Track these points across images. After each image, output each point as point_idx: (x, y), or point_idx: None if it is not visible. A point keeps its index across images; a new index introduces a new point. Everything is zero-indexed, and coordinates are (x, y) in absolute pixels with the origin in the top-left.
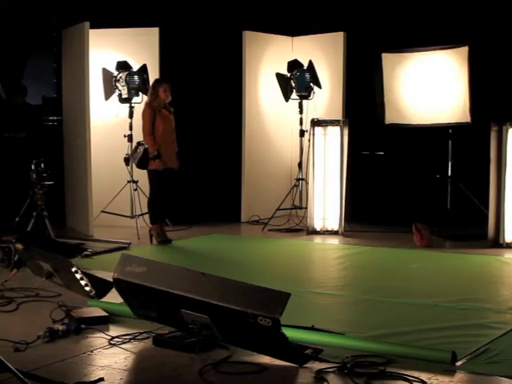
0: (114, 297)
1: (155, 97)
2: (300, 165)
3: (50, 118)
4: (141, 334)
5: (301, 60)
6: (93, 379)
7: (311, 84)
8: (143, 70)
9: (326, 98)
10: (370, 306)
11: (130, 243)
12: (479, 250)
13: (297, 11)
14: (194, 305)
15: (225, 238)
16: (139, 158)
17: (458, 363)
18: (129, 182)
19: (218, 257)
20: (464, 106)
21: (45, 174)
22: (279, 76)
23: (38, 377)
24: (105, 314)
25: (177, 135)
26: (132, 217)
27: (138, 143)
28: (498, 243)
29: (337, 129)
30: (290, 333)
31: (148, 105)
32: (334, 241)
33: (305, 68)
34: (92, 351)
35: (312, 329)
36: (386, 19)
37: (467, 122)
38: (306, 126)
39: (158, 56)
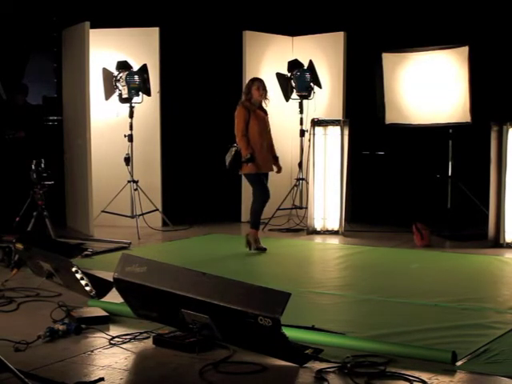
0: (114, 297)
1: (249, 96)
2: (300, 165)
3: (50, 117)
4: (141, 333)
5: (301, 60)
6: (93, 379)
7: (311, 84)
8: (143, 69)
9: (326, 98)
10: (370, 306)
11: (130, 243)
12: (479, 250)
13: (297, 11)
14: (195, 305)
15: (225, 238)
16: (230, 160)
17: (458, 363)
18: (129, 181)
19: (218, 257)
20: (464, 106)
21: (45, 174)
22: (279, 76)
23: (38, 377)
24: (105, 313)
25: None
26: (132, 217)
27: (232, 145)
28: (498, 243)
29: (337, 129)
30: (290, 333)
31: (241, 104)
32: (334, 241)
33: (305, 68)
34: (92, 351)
35: (312, 329)
36: (386, 19)
37: (467, 122)
38: (307, 125)
39: (158, 56)
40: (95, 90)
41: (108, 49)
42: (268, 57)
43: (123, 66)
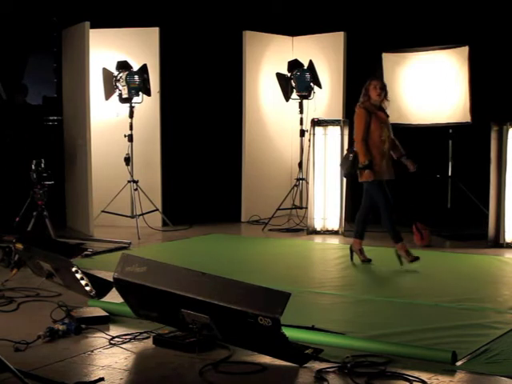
0: (114, 297)
1: (367, 97)
2: (300, 165)
3: (50, 117)
4: (141, 333)
5: (301, 60)
6: (93, 379)
7: (311, 84)
8: (143, 69)
9: (327, 98)
10: (371, 306)
11: (130, 243)
12: (479, 250)
13: (297, 11)
14: (195, 305)
15: (225, 238)
16: (348, 167)
17: (458, 363)
18: (129, 181)
19: (218, 257)
20: (464, 106)
21: (45, 174)
22: (279, 76)
23: (38, 377)
24: (105, 313)
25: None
26: (132, 217)
27: (349, 150)
28: (498, 243)
29: (337, 129)
30: (289, 333)
31: (361, 106)
32: (334, 241)
33: (305, 68)
34: (92, 351)
35: (312, 329)
36: (386, 19)
37: (467, 122)
38: (307, 125)
39: (158, 56)
40: (95, 90)
41: (108, 49)
42: (268, 57)
43: (123, 66)
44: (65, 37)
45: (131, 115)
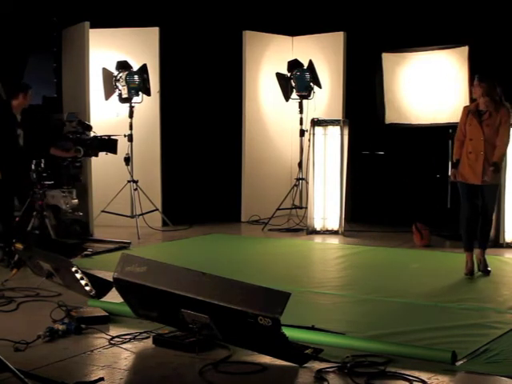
0: (114, 297)
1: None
2: (300, 164)
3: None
4: (141, 333)
5: (301, 60)
6: (93, 379)
7: (311, 84)
8: (143, 69)
9: (326, 98)
10: (370, 306)
11: (130, 243)
12: None
13: (297, 11)
14: (195, 304)
15: (225, 238)
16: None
17: (458, 363)
18: (129, 181)
19: (218, 257)
20: None
21: (45, 174)
22: (279, 76)
23: (38, 377)
24: (105, 313)
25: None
26: (132, 217)
27: None
28: (498, 243)
29: (337, 129)
30: (289, 333)
31: (467, 105)
32: (334, 241)
33: (305, 68)
34: (92, 351)
35: (312, 329)
36: (386, 19)
37: None
38: (306, 125)
39: (158, 56)
40: (95, 89)
41: (108, 49)
42: (268, 57)
43: (123, 66)
44: (65, 37)
45: (131, 115)
